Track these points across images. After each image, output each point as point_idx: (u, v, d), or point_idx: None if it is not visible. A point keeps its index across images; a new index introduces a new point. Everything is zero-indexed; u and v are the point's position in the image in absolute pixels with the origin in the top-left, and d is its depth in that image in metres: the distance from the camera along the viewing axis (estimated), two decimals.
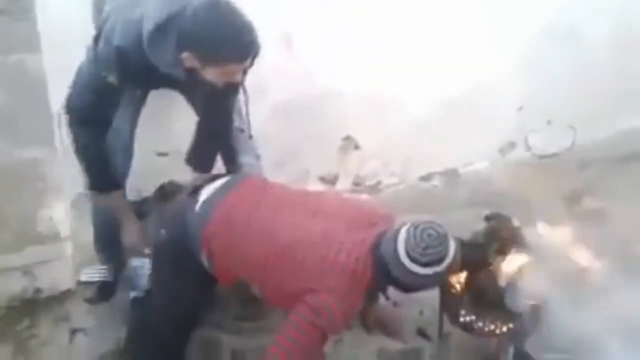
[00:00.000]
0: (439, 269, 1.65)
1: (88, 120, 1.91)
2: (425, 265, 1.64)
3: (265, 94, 2.59)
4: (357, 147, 2.94)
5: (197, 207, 1.90)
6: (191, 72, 1.71)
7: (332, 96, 2.76)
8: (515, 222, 1.93)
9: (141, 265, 2.13)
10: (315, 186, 2.88)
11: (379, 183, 3.07)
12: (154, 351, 1.99)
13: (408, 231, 1.66)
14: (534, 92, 3.18)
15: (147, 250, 2.11)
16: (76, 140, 1.96)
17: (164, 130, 2.47)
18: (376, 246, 1.73)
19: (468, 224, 2.25)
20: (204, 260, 1.88)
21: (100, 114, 1.92)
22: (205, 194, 1.93)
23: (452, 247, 1.67)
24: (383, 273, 1.71)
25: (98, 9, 1.99)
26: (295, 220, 1.85)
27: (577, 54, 3.14)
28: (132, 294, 2.15)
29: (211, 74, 1.71)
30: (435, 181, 3.19)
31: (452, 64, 2.90)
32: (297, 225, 1.83)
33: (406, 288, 1.77)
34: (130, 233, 2.13)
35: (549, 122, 3.31)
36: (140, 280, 2.13)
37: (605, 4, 3.11)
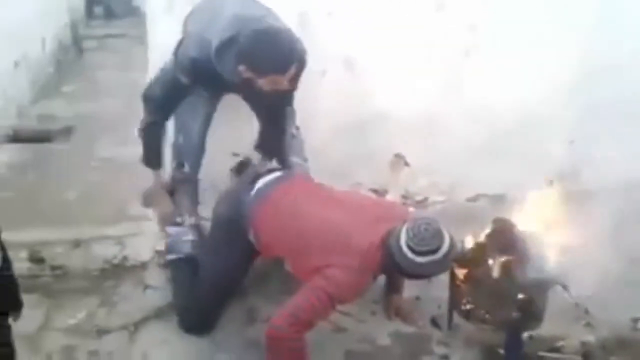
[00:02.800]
0: (434, 258, 1.96)
1: (157, 107, 2.40)
2: (420, 254, 1.95)
3: (325, 113, 2.96)
4: (406, 164, 3.23)
5: (253, 193, 2.33)
6: (247, 80, 2.15)
7: (385, 116, 3.03)
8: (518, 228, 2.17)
9: (181, 232, 2.54)
10: None
11: (426, 199, 3.32)
12: (195, 309, 2.38)
13: (408, 226, 1.99)
14: (585, 126, 3.32)
15: (178, 219, 2.54)
16: (144, 121, 2.45)
17: (239, 134, 2.82)
18: (387, 237, 2.06)
19: None
20: (252, 236, 2.29)
21: (166, 105, 2.40)
22: (260, 182, 2.37)
23: (447, 240, 1.97)
24: (389, 259, 2.04)
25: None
26: (325, 211, 2.23)
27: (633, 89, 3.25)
28: (173, 256, 2.53)
29: (261, 83, 2.13)
30: (482, 203, 3.40)
31: (503, 91, 3.07)
32: (327, 214, 2.21)
33: (408, 274, 2.08)
34: (164, 206, 2.58)
35: (601, 157, 3.43)
36: (182, 245, 2.53)
37: None
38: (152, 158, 2.52)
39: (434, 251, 1.95)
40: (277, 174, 2.44)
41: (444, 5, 2.91)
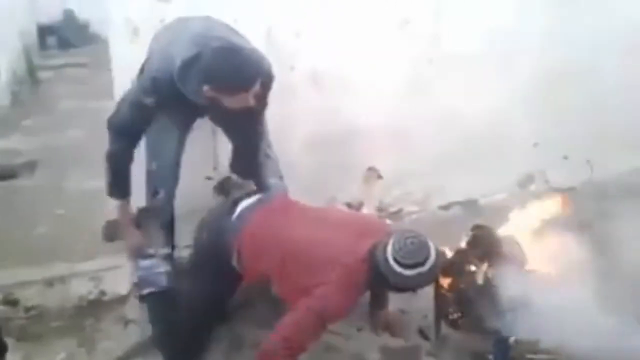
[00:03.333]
0: (421, 270, 1.97)
1: (122, 133, 2.31)
2: (407, 267, 1.97)
3: (297, 128, 2.98)
4: (379, 176, 3.26)
5: (234, 217, 2.31)
6: (212, 99, 2.12)
7: (357, 130, 3.07)
8: (497, 233, 2.20)
9: (154, 264, 2.43)
10: None
11: (400, 210, 3.36)
12: (180, 340, 2.33)
13: (394, 239, 2.00)
14: (549, 128, 3.42)
15: (150, 251, 2.44)
16: (110, 148, 2.34)
17: (212, 158, 2.86)
18: (372, 251, 2.07)
19: None
20: (234, 260, 2.27)
21: (132, 129, 2.31)
22: (241, 206, 2.34)
23: (433, 252, 1.98)
24: (376, 274, 2.04)
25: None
26: (309, 230, 2.22)
27: (591, 91, 3.36)
28: (148, 290, 2.43)
29: (227, 101, 2.11)
30: (455, 210, 3.45)
31: (468, 100, 3.17)
32: (310, 233, 2.20)
33: (396, 287, 2.09)
34: (132, 238, 2.49)
35: (565, 157, 3.54)
36: (156, 277, 2.43)
37: (617, 41, 3.33)
38: (117, 187, 2.42)
39: (421, 263, 1.96)
40: (257, 196, 2.43)
41: (409, 20, 2.97)
